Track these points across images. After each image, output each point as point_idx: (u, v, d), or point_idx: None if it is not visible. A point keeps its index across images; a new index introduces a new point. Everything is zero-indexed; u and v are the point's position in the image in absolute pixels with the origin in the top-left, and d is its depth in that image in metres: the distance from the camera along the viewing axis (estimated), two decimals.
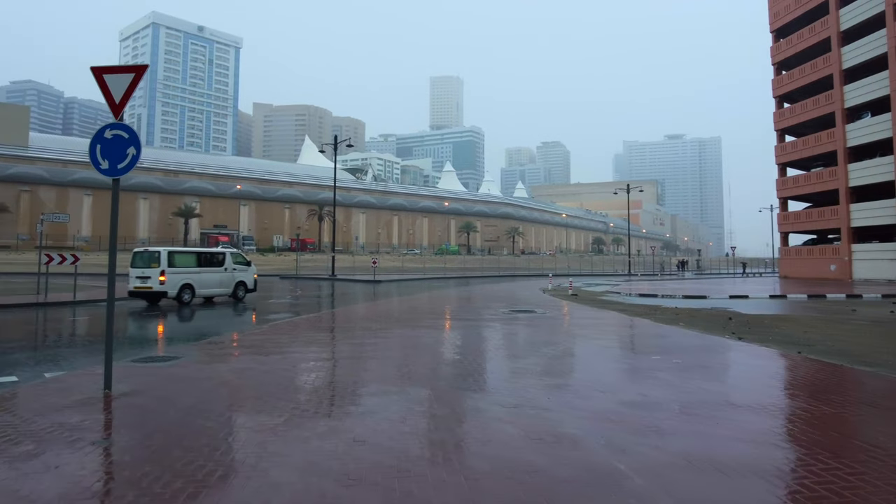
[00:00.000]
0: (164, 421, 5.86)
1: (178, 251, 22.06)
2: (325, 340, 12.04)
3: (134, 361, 9.15)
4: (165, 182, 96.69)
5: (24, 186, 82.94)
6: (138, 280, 21.14)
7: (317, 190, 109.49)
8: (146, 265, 21.15)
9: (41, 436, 5.34)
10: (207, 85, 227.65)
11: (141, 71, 7.44)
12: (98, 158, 7.34)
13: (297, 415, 6.15)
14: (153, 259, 21.22)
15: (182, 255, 22.05)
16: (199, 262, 22.50)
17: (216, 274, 22.95)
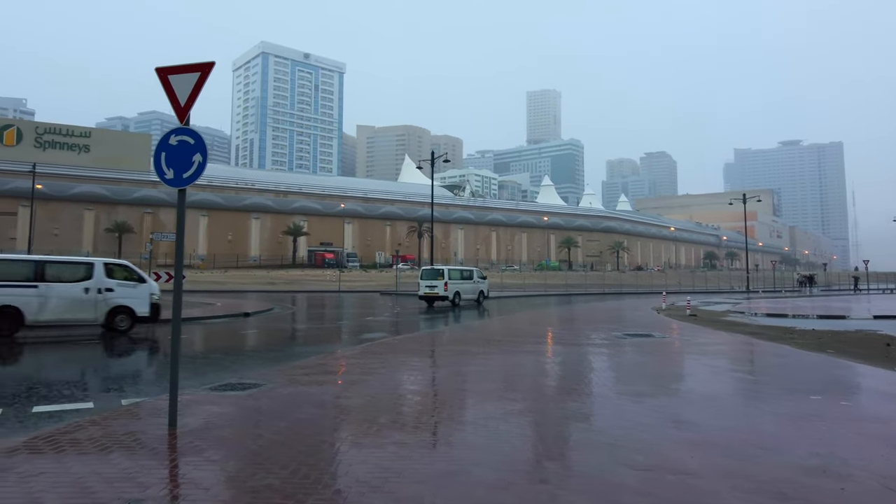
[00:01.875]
0: (231, 469, 5.04)
1: (452, 268, 32.99)
2: (418, 366, 11.09)
3: (211, 389, 8.54)
4: (276, 202, 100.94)
5: (147, 209, 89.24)
6: (427, 288, 30.87)
7: (416, 207, 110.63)
8: (433, 278, 30.92)
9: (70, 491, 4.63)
10: (314, 109, 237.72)
11: (207, 69, 6.74)
12: (163, 167, 6.68)
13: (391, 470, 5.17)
14: (439, 273, 31.09)
15: (452, 270, 31.98)
16: (462, 276, 32.45)
17: (468, 284, 32.99)
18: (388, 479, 4.82)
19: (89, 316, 16.96)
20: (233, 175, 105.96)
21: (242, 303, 30.28)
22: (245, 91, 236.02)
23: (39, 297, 16.05)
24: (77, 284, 16.72)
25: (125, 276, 17.82)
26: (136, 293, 17.82)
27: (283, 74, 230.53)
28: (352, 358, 11.92)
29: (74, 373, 11.45)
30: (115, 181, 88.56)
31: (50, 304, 16.21)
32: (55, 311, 16.30)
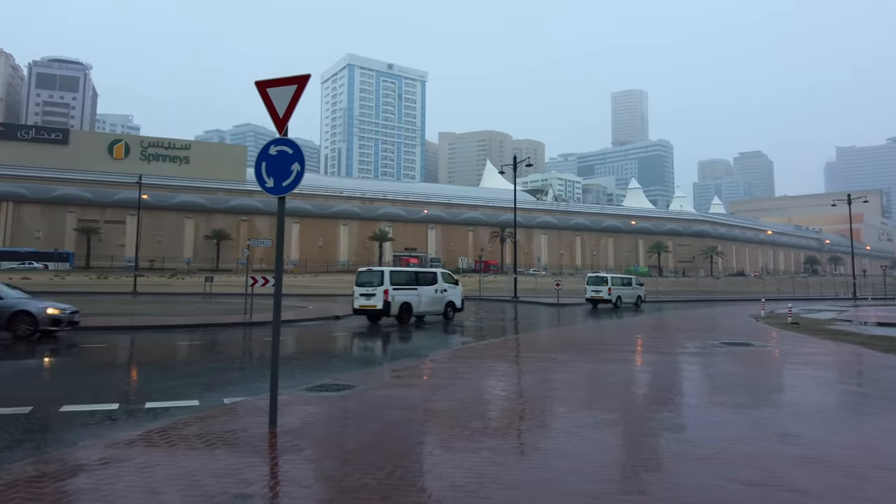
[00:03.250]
0: (328, 468, 5.17)
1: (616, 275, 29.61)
2: (506, 372, 11.02)
3: (307, 390, 8.82)
4: (363, 209, 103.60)
5: (243, 216, 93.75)
6: (593, 292, 29.01)
7: (498, 212, 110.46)
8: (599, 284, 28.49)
9: (176, 487, 4.87)
10: (398, 118, 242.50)
11: (303, 81, 7.00)
12: (263, 176, 6.99)
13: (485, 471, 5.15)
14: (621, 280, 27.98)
15: (614, 278, 30.13)
16: (623, 283, 29.61)
17: (629, 289, 31.66)
18: (484, 485, 4.81)
19: (439, 309, 23.71)
20: (322, 183, 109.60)
21: (333, 306, 31.17)
22: (333, 102, 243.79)
23: (418, 296, 22.73)
24: (432, 286, 23.40)
25: (449, 280, 24.49)
26: (456, 292, 24.50)
27: (368, 85, 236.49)
28: (440, 362, 12.02)
29: None
30: (213, 191, 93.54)
31: (423, 301, 22.84)
32: (425, 305, 23.02)
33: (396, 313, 21.99)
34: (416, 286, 22.96)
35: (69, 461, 5.37)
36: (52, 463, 5.32)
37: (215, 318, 22.93)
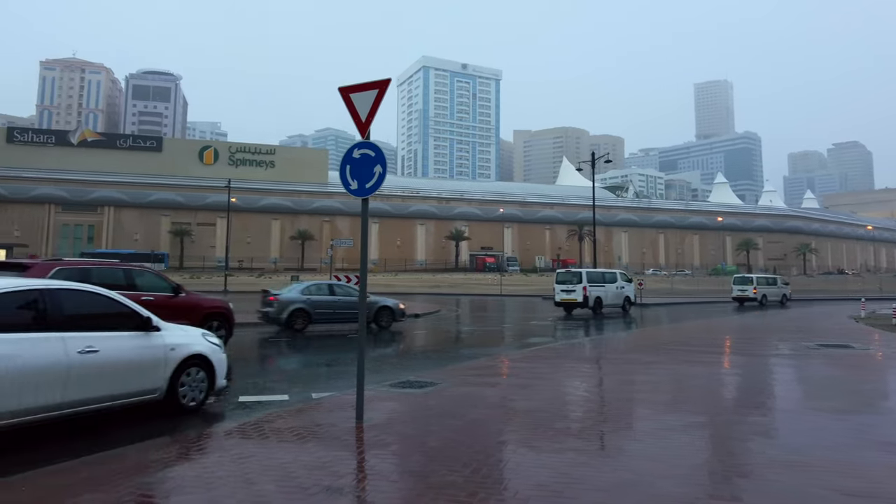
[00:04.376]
0: (414, 464, 5.28)
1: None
2: (587, 373, 10.87)
3: (391, 386, 9.01)
4: (439, 209, 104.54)
5: (325, 217, 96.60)
6: (738, 290, 30.54)
7: (576, 210, 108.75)
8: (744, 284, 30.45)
9: (278, 476, 5.08)
10: (472, 117, 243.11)
11: (384, 86, 7.17)
12: (348, 179, 7.21)
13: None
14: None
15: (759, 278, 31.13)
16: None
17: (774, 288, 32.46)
18: (570, 485, 4.78)
19: (619, 302, 28.47)
20: (399, 184, 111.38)
21: (412, 305, 31.60)
22: (409, 104, 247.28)
23: (605, 291, 27.64)
24: (614, 284, 28.40)
25: (625, 279, 29.31)
26: (630, 289, 29.47)
27: (443, 86, 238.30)
28: (520, 361, 12.00)
29: None
30: (297, 193, 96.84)
31: (609, 296, 27.65)
32: (611, 299, 27.80)
33: (592, 305, 27.05)
34: (603, 283, 28.13)
35: (172, 449, 5.74)
36: (154, 450, 5.69)
37: None
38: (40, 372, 6.06)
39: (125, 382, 7.00)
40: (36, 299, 6.40)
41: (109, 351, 6.79)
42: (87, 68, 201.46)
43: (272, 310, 18.50)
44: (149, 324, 7.43)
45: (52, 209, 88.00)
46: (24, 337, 6.08)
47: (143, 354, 7.23)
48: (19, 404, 5.90)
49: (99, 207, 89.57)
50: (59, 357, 6.26)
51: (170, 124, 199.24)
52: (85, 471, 5.09)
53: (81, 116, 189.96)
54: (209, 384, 8.01)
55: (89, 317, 6.93)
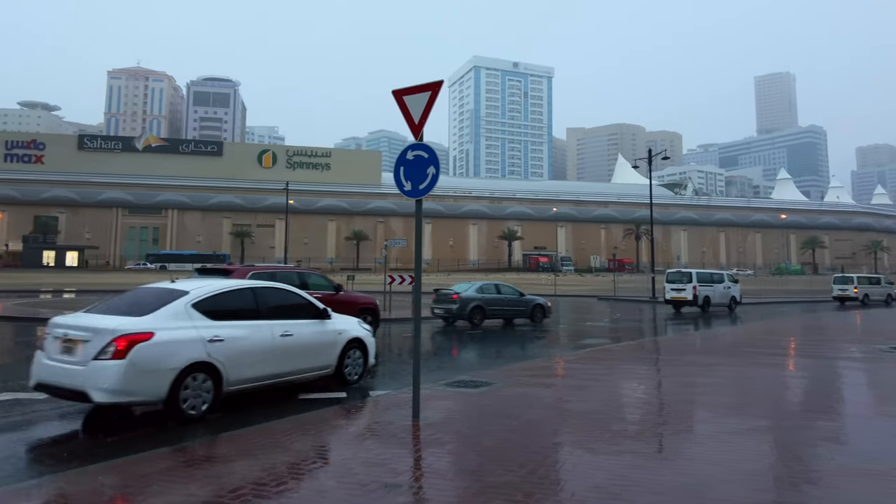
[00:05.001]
0: (470, 463, 5.31)
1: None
2: (645, 375, 10.67)
3: (447, 385, 9.06)
4: (491, 209, 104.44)
5: (380, 218, 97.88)
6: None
7: (632, 208, 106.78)
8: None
9: (334, 472, 5.18)
10: (524, 116, 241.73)
11: (436, 88, 7.20)
12: (402, 180, 7.28)
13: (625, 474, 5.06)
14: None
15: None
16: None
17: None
18: (627, 488, 4.72)
19: (725, 301, 29.15)
20: (452, 185, 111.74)
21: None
22: (460, 104, 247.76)
23: (713, 291, 28.47)
24: (721, 284, 29.12)
25: (731, 280, 30.09)
26: (736, 289, 29.91)
27: (494, 85, 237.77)
28: (576, 362, 11.88)
29: None
30: (352, 194, 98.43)
31: (717, 295, 28.51)
32: (718, 298, 28.52)
33: (701, 304, 27.79)
34: (711, 283, 28.88)
35: (236, 444, 5.92)
36: (224, 444, 5.90)
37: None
38: (258, 350, 7.96)
39: (310, 360, 8.92)
40: (251, 295, 8.49)
41: (300, 335, 8.69)
42: (151, 76, 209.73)
43: (456, 306, 20.50)
44: (325, 314, 9.30)
45: (119, 212, 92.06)
46: (247, 323, 8.06)
47: (321, 338, 9.12)
48: (248, 374, 7.91)
49: (163, 210, 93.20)
50: (268, 339, 8.19)
51: (229, 129, 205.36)
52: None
53: (146, 123, 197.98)
54: (364, 363, 9.86)
55: (284, 308, 8.85)
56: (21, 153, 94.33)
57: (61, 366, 7.05)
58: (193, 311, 7.65)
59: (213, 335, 7.57)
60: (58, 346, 7.26)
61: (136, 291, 8.39)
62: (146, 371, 6.90)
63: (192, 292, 7.90)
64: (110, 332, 6.92)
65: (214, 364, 7.47)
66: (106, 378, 6.71)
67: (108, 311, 7.64)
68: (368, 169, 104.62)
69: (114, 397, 6.80)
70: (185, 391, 7.18)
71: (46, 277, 57.36)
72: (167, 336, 7.16)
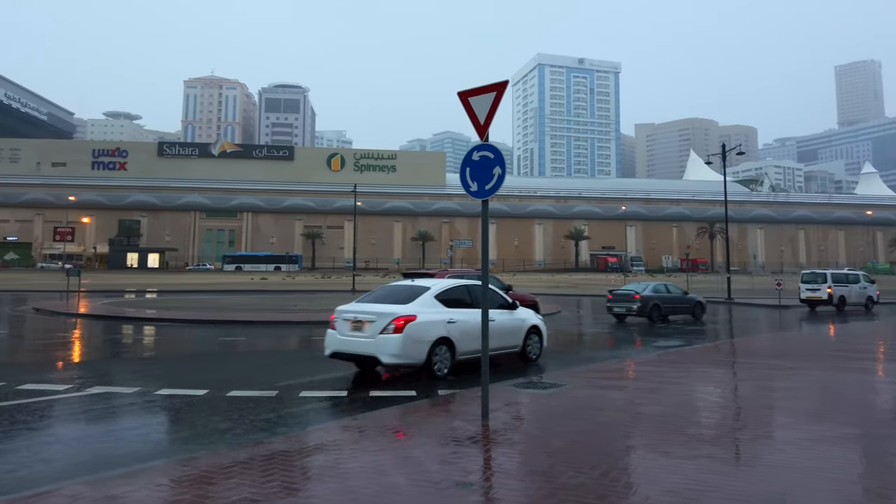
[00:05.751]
0: (541, 464, 5.28)
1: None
2: (722, 378, 10.33)
3: (515, 386, 9.06)
4: (557, 208, 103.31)
5: (444, 219, 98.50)
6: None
7: (705, 206, 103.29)
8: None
9: (406, 472, 5.25)
10: (590, 113, 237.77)
11: (501, 88, 7.19)
12: (468, 181, 7.31)
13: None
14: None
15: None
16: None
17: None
18: (704, 493, 4.60)
19: (863, 301, 29.49)
20: (516, 184, 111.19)
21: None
22: (524, 103, 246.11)
23: (849, 291, 29.02)
24: (857, 284, 29.75)
25: (868, 280, 30.86)
26: (873, 289, 30.33)
27: (559, 83, 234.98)
28: (647, 365, 11.62)
29: None
30: (417, 196, 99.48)
31: (852, 295, 29.01)
32: (854, 298, 29.09)
33: (836, 303, 28.12)
34: (847, 283, 29.27)
35: (311, 440, 6.12)
36: (297, 441, 6.10)
37: None
38: (474, 331, 9.28)
39: (506, 340, 11.56)
40: (466, 290, 11.28)
41: (499, 321, 11.14)
42: (225, 85, 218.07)
43: (638, 305, 22.32)
44: (514, 306, 12.10)
45: (197, 216, 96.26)
46: (466, 311, 10.72)
47: (512, 324, 11.78)
48: (469, 348, 10.42)
49: (238, 213, 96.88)
50: (479, 323, 9.26)
51: (300, 134, 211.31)
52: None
53: (221, 129, 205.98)
54: (540, 345, 12.47)
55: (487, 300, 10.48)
56: (106, 161, 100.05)
57: (353, 339, 10.14)
58: (436, 301, 10.60)
59: (449, 318, 10.43)
60: (348, 326, 10.32)
61: (391, 287, 11.64)
62: (414, 342, 9.84)
63: (432, 288, 10.90)
64: (390, 314, 9.92)
65: (451, 339, 10.34)
66: (390, 346, 9.71)
67: (378, 301, 10.70)
68: (433, 170, 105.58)
69: (395, 359, 9.81)
70: (435, 357, 10.08)
71: (130, 278, 60.62)
72: (425, 318, 10.11)
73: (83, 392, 9.08)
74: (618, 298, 23.04)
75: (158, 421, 7.85)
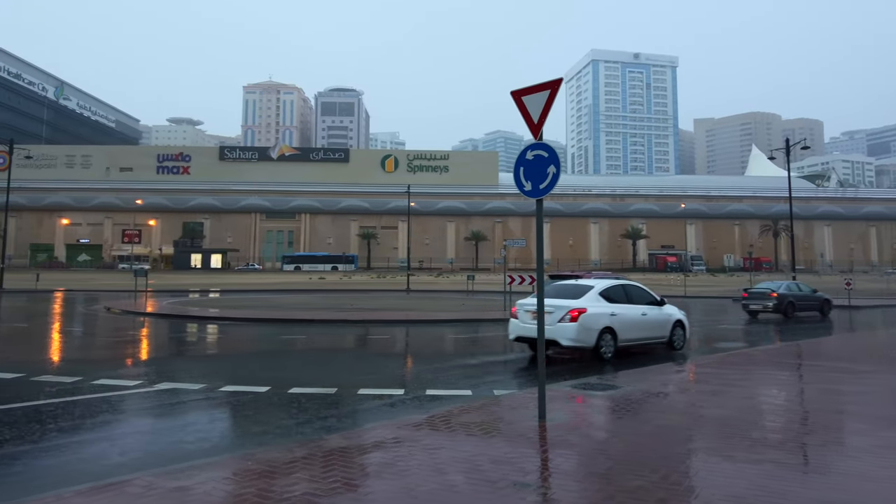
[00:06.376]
0: (599, 465, 5.22)
1: None
2: (787, 381, 9.96)
3: (573, 387, 8.97)
4: (613, 206, 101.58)
5: (497, 218, 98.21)
6: None
7: (769, 203, 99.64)
8: None
9: (463, 470, 5.26)
10: (647, 109, 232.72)
11: (555, 86, 7.10)
12: (521, 180, 7.27)
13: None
14: None
15: None
16: None
17: None
18: (770, 500, 4.45)
19: None
20: (570, 182, 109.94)
21: None
22: (577, 100, 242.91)
23: None
24: None
25: None
26: None
27: (614, 78, 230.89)
28: (708, 367, 11.31)
29: None
30: (470, 195, 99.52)
31: None
32: None
33: None
34: None
35: (369, 437, 6.21)
36: (356, 438, 6.21)
37: (479, 314, 24.41)
38: (631, 323, 12.83)
39: (656, 331, 13.69)
40: (622, 289, 13.57)
41: (651, 315, 13.55)
42: (282, 90, 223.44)
43: (775, 302, 24.26)
44: (661, 303, 14.12)
45: (257, 217, 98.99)
46: (624, 306, 13.02)
47: (661, 318, 13.78)
48: (628, 337, 12.90)
49: (297, 215, 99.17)
50: (637, 316, 13.21)
51: (354, 136, 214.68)
52: None
53: (279, 133, 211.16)
54: (684, 337, 14.29)
55: (640, 297, 13.78)
56: (170, 165, 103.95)
57: (534, 326, 10.83)
58: (600, 297, 12.77)
59: (612, 311, 12.60)
60: (529, 316, 12.52)
61: (560, 285, 13.93)
62: (586, 329, 12.09)
63: (596, 287, 13.12)
64: (566, 307, 12.21)
65: (614, 328, 12.44)
66: (568, 332, 12.05)
67: (552, 296, 12.58)
68: (486, 169, 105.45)
69: (572, 343, 12.13)
70: (602, 342, 12.22)
71: (194, 278, 62.79)
72: (593, 310, 12.34)
73: (152, 388, 9.47)
74: (753, 296, 25.06)
75: (222, 416, 8.13)
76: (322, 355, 14.67)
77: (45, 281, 46.74)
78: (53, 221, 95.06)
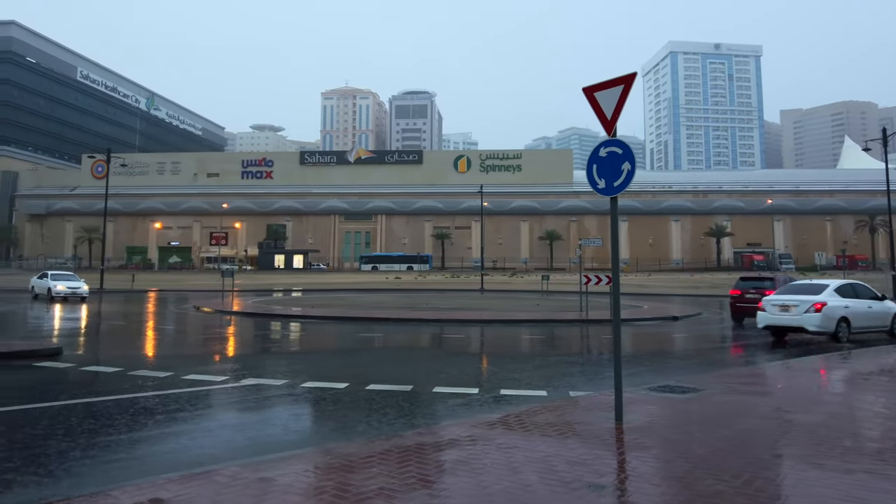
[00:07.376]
0: (677, 469, 5.09)
1: None
2: (883, 385, 9.34)
3: (650, 390, 8.74)
4: (695, 203, 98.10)
5: (572, 217, 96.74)
6: None
7: (864, 197, 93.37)
8: None
9: (538, 469, 5.24)
10: (729, 101, 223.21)
11: (629, 81, 6.93)
12: (595, 178, 7.16)
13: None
14: None
15: None
16: None
17: None
18: None
19: None
20: (649, 179, 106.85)
21: (668, 306, 30.18)
22: (656, 94, 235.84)
23: None
24: None
25: None
26: None
27: (694, 70, 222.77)
28: (798, 370, 10.79)
29: None
30: (543, 194, 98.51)
31: None
32: None
33: None
34: None
35: (445, 435, 6.30)
36: (431, 435, 6.31)
37: (554, 315, 24.20)
38: (860, 314, 15.77)
39: (878, 321, 16.48)
40: (851, 287, 16.28)
41: (874, 307, 16.31)
42: (358, 95, 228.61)
43: None
44: (883, 298, 16.78)
45: (336, 219, 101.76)
46: (854, 301, 15.82)
47: (882, 310, 16.57)
48: (857, 325, 15.69)
49: (373, 216, 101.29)
50: (864, 308, 16.00)
51: (427, 138, 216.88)
52: None
53: (356, 137, 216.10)
54: None
55: (864, 293, 16.40)
56: (254, 170, 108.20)
57: (782, 317, 15.74)
58: (834, 293, 15.53)
59: (845, 304, 15.46)
60: (776, 308, 15.79)
61: (797, 284, 17.40)
62: (828, 318, 15.05)
63: (831, 284, 15.94)
64: (810, 301, 15.24)
65: (848, 318, 15.33)
66: (814, 320, 15.09)
67: (793, 293, 16.08)
68: (559, 168, 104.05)
69: (817, 328, 15.19)
70: (839, 329, 15.15)
71: (277, 278, 65.17)
72: (832, 303, 15.24)
73: (237, 383, 9.94)
74: None
75: (304, 411, 8.45)
76: (398, 353, 14.94)
77: (139, 281, 49.77)
78: (147, 225, 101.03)
